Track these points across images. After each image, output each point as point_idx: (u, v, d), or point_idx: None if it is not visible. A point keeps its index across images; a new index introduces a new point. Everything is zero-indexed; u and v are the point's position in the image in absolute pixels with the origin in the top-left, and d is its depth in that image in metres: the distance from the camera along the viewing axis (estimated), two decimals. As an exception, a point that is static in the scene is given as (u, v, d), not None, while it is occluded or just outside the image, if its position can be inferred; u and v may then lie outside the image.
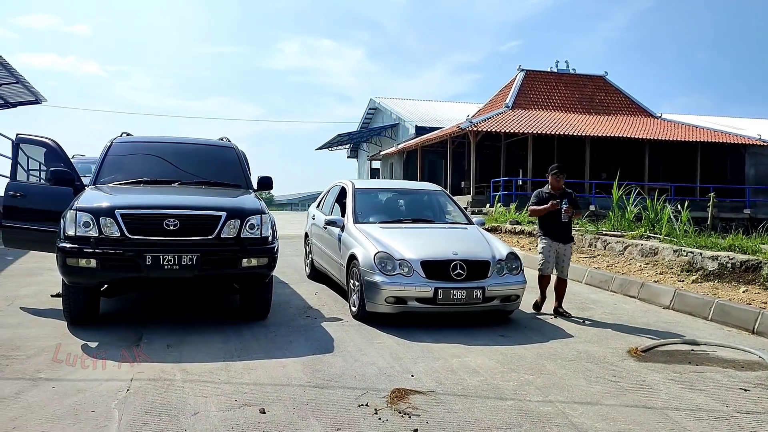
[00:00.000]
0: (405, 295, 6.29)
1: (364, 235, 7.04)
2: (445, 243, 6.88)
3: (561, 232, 7.26)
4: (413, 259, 6.41)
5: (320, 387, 4.44)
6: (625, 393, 4.54)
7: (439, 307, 6.33)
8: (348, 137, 40.26)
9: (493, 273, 6.54)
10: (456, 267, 6.37)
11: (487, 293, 6.39)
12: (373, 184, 9.82)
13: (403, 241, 6.76)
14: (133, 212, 5.56)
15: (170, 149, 7.23)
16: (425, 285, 6.27)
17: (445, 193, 8.98)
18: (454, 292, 6.27)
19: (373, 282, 6.36)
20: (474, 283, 6.37)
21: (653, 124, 27.61)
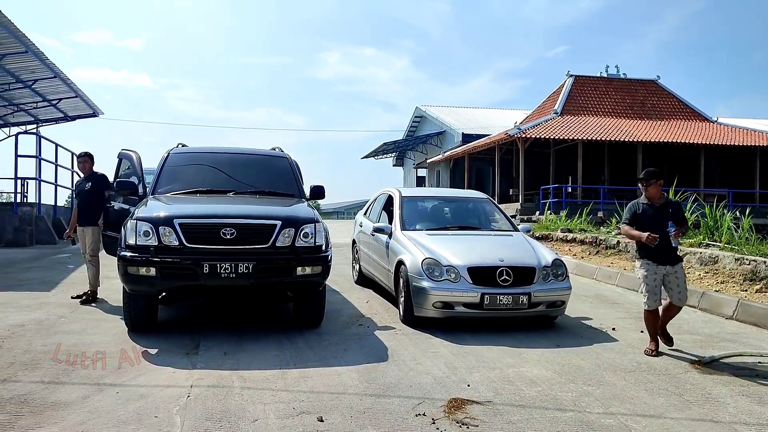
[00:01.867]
0: (452, 300, 6.41)
1: (412, 242, 7.19)
2: (491, 249, 6.97)
3: (666, 253, 5.77)
4: (460, 266, 6.54)
5: (376, 396, 4.43)
6: (690, 406, 4.39)
7: (486, 312, 6.43)
8: (394, 145, 40.35)
9: (538, 279, 6.62)
10: (502, 273, 6.49)
11: (533, 299, 6.47)
12: (419, 192, 9.96)
13: (450, 248, 6.88)
14: (190, 221, 5.68)
15: (225, 159, 7.38)
16: (472, 290, 6.38)
17: (490, 201, 9.06)
18: (500, 297, 6.38)
19: (421, 287, 6.50)
20: (520, 288, 6.46)
21: (708, 129, 26.81)
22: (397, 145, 40.92)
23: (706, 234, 11.35)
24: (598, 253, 12.05)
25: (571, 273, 10.88)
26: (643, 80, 29.54)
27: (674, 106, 28.76)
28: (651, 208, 5.84)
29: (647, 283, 5.82)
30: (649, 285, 5.81)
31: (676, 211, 5.87)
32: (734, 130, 27.04)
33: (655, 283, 5.80)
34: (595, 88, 28.75)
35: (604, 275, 10.20)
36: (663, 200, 5.94)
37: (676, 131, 25.79)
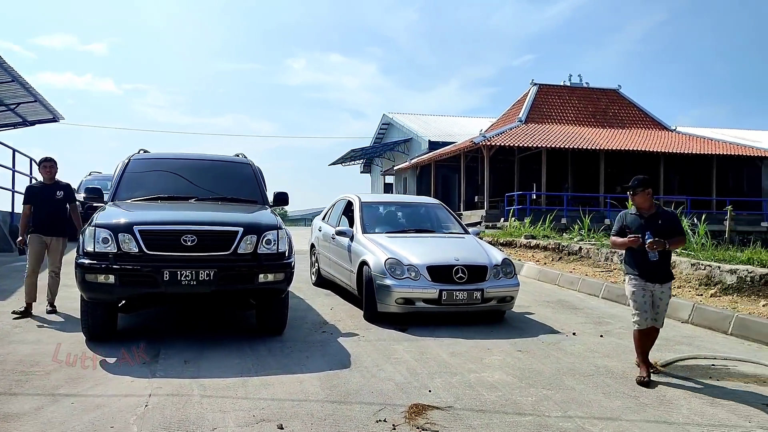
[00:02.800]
0: (413, 296, 6.94)
1: (374, 243, 7.67)
2: (447, 250, 7.54)
3: (650, 269, 5.30)
4: (420, 265, 7.08)
5: (338, 402, 4.43)
6: (646, 408, 4.49)
7: (443, 307, 6.98)
8: (361, 152, 40.41)
9: (490, 277, 7.23)
10: (458, 271, 7.07)
11: (486, 294, 7.07)
12: (377, 197, 10.36)
13: (410, 249, 7.42)
14: (151, 228, 5.61)
15: (187, 166, 7.30)
16: (431, 287, 6.92)
17: (442, 206, 9.59)
18: (456, 293, 6.95)
19: (384, 285, 6.99)
20: (474, 285, 7.05)
21: (668, 137, 27.47)
22: (365, 152, 40.98)
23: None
24: (560, 259, 12.22)
25: (534, 279, 11.06)
26: (605, 89, 30.15)
27: (635, 115, 29.40)
28: (639, 219, 5.39)
29: (635, 300, 5.35)
30: (638, 302, 5.33)
31: (667, 222, 5.36)
32: (692, 138, 27.76)
33: (644, 300, 5.31)
34: (559, 97, 29.24)
35: (566, 281, 10.35)
36: (653, 210, 5.42)
37: (637, 139, 26.36)
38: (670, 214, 5.54)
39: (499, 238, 15.38)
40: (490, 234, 17.12)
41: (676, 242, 5.39)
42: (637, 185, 5.43)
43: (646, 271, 5.30)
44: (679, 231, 5.45)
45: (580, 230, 14.84)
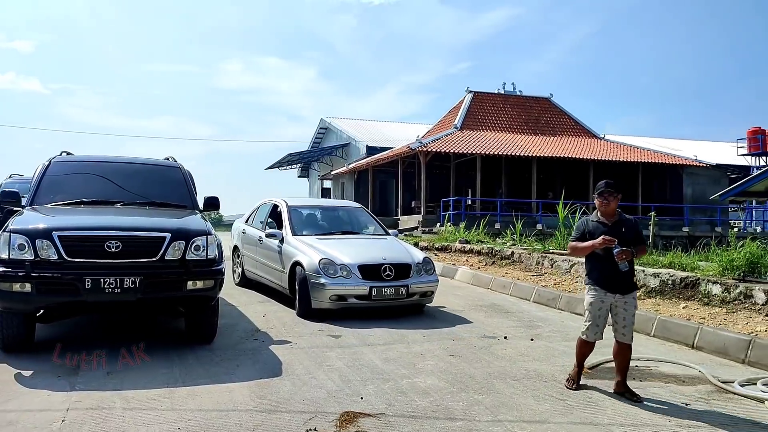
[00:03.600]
0: (346, 293, 7.53)
1: (305, 245, 8.16)
2: (375, 250, 8.20)
3: (617, 279, 4.95)
4: (351, 264, 7.66)
5: (267, 412, 4.34)
6: (573, 411, 4.59)
7: (373, 302, 7.63)
8: (299, 157, 40.14)
9: (413, 274, 7.94)
10: (386, 269, 7.73)
11: (410, 290, 7.80)
12: (303, 201, 10.81)
13: (340, 250, 7.96)
14: (71, 234, 5.37)
15: (113, 169, 7.04)
16: (362, 284, 7.56)
17: (364, 209, 10.42)
18: (384, 289, 7.62)
19: (320, 283, 7.49)
20: (399, 282, 7.75)
21: (597, 145, 28.41)
22: (302, 157, 40.73)
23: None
24: (494, 263, 12.43)
25: (468, 283, 11.20)
26: (537, 97, 30.94)
27: (566, 123, 30.28)
28: (602, 227, 5.03)
29: (591, 311, 5.09)
30: (592, 313, 5.08)
31: (630, 230, 5.05)
32: (620, 146, 28.81)
33: (599, 313, 5.04)
34: (493, 104, 29.83)
35: (498, 285, 10.52)
36: (616, 217, 5.09)
37: (568, 147, 27.15)
38: (632, 221, 5.20)
39: (434, 243, 15.52)
40: (426, 239, 17.27)
41: (640, 251, 5.13)
42: (612, 189, 5.10)
43: (610, 281, 4.96)
44: (643, 240, 5.20)
45: (513, 235, 15.14)
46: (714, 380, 5.37)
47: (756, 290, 7.29)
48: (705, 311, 7.42)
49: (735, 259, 8.15)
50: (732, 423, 4.42)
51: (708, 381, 5.40)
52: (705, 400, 4.91)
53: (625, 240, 4.91)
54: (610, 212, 5.08)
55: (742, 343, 6.19)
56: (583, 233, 5.14)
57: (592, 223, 5.13)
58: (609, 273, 4.95)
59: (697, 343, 6.60)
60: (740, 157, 35.26)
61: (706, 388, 5.25)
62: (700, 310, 7.50)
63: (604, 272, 4.98)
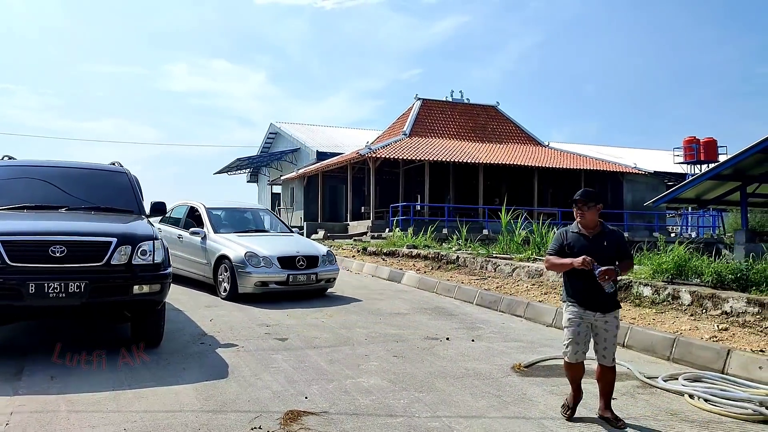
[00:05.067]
0: (268, 279, 9.24)
1: (229, 240, 9.80)
2: (289, 245, 10.05)
3: (599, 298, 4.50)
4: (272, 256, 9.37)
5: (213, 412, 4.44)
6: (507, 406, 4.84)
7: (290, 286, 9.40)
8: (248, 161, 39.87)
9: (320, 264, 9.79)
10: (300, 260, 9.54)
11: (319, 277, 9.70)
12: (218, 204, 11.94)
13: (260, 244, 9.67)
14: (14, 239, 5.36)
15: (57, 173, 6.99)
16: (281, 272, 9.31)
17: (269, 211, 12.51)
18: (299, 276, 9.45)
19: (246, 272, 9.12)
20: (310, 270, 9.59)
21: (541, 153, 29.20)
22: (252, 162, 40.46)
23: (534, 249, 12.38)
24: (440, 268, 12.71)
25: (414, 287, 11.44)
26: (484, 105, 31.62)
27: (512, 131, 31.03)
28: (582, 239, 4.60)
29: (570, 329, 4.61)
30: (572, 331, 4.60)
31: (613, 243, 4.59)
32: (563, 154, 29.68)
33: (579, 330, 4.56)
34: (441, 112, 30.34)
35: (443, 288, 10.79)
36: (598, 229, 4.63)
37: (514, 154, 27.83)
38: (617, 234, 4.69)
39: (383, 248, 15.74)
40: (374, 244, 17.47)
41: (625, 267, 4.63)
42: (587, 199, 4.61)
43: (590, 300, 4.51)
44: (628, 254, 4.66)
45: (459, 240, 15.48)
46: (640, 376, 5.72)
47: (683, 292, 7.74)
48: (636, 312, 7.83)
49: (664, 263, 8.61)
50: (653, 415, 4.74)
51: (635, 377, 5.74)
52: (631, 395, 5.24)
53: (606, 256, 4.48)
54: (589, 224, 4.61)
55: (668, 341, 6.58)
56: (562, 246, 4.66)
57: (571, 235, 4.67)
58: (589, 291, 4.50)
59: (627, 342, 6.97)
60: (677, 165, 36.72)
61: (632, 383, 5.59)
62: (631, 311, 7.91)
63: (584, 289, 4.53)
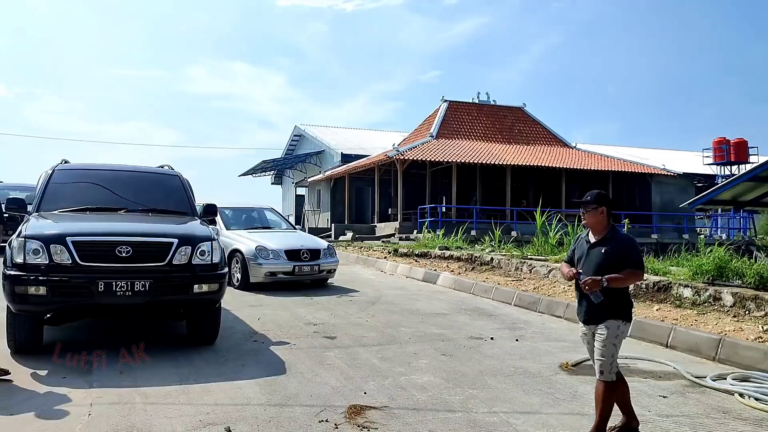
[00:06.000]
0: (276, 270, 10.48)
1: (240, 236, 11.12)
2: (294, 239, 11.37)
3: (585, 309, 4.30)
4: (280, 249, 10.63)
5: (279, 405, 4.63)
6: (560, 403, 4.97)
7: (296, 276, 10.69)
8: (272, 164, 40.25)
9: (322, 256, 11.02)
10: (305, 253, 10.82)
11: (321, 268, 10.94)
12: (227, 204, 12.84)
13: (269, 239, 10.93)
14: (85, 239, 5.60)
15: (115, 177, 7.26)
16: (288, 264, 10.57)
17: (275, 210, 13.74)
18: (304, 267, 10.72)
19: (257, 264, 10.37)
20: (313, 262, 10.85)
21: (569, 154, 29.15)
22: (276, 164, 40.84)
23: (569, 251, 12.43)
24: (473, 269, 12.83)
25: (450, 288, 11.57)
26: (511, 107, 31.64)
27: (539, 132, 31.01)
28: (584, 245, 4.37)
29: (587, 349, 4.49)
30: (587, 351, 4.49)
31: (615, 251, 4.18)
32: (590, 155, 29.60)
33: (588, 347, 4.45)
34: (468, 114, 30.42)
35: (480, 290, 10.91)
36: (602, 235, 4.29)
37: (541, 155, 27.82)
38: (623, 240, 4.28)
39: (414, 249, 15.89)
40: (405, 245, 17.63)
41: (620, 279, 4.11)
42: (589, 201, 4.36)
43: (582, 311, 4.34)
44: (632, 263, 4.17)
45: (491, 242, 15.58)
46: (688, 375, 5.80)
47: (724, 293, 7.79)
48: (677, 313, 7.90)
49: (704, 264, 8.66)
50: (705, 413, 4.83)
51: (682, 376, 5.83)
52: (681, 393, 5.33)
53: (604, 264, 4.15)
54: (593, 227, 4.34)
55: (713, 341, 6.65)
56: (573, 251, 4.50)
57: (580, 240, 4.48)
58: (580, 301, 4.36)
59: (671, 342, 7.05)
60: (706, 166, 36.42)
61: (681, 382, 5.67)
62: (672, 312, 7.98)
63: (579, 300, 4.40)
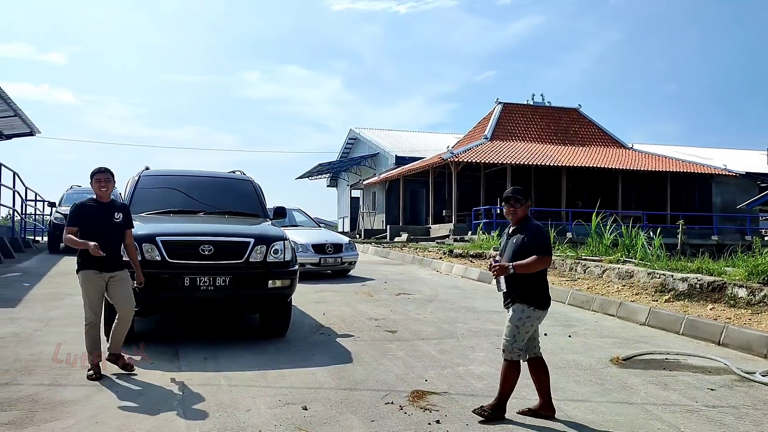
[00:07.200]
0: (305, 261, 11.82)
1: None
2: (320, 236, 13.26)
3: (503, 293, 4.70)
4: (307, 243, 12.49)
5: (349, 389, 5.11)
6: (610, 392, 5.28)
7: (321, 267, 12.52)
8: (328, 166, 41.12)
9: (344, 250, 12.91)
10: (329, 247, 12.72)
11: (343, 260, 12.84)
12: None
13: (297, 234, 12.46)
14: (172, 239, 6.22)
15: (193, 182, 7.92)
16: (315, 256, 12.47)
17: (302, 211, 15.50)
18: (328, 259, 12.61)
19: None
20: (337, 255, 12.76)
21: (625, 155, 28.87)
22: (332, 167, 41.70)
23: (623, 252, 12.58)
24: (528, 269, 13.07)
25: (505, 287, 11.86)
26: (566, 108, 31.54)
27: (594, 133, 30.81)
28: (505, 236, 4.82)
29: None
30: None
31: (518, 242, 4.56)
32: (648, 156, 29.23)
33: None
34: (522, 115, 30.50)
35: (534, 289, 11.16)
36: (518, 224, 4.67)
37: (597, 157, 27.67)
38: (531, 228, 4.58)
39: (469, 250, 16.21)
40: (460, 246, 17.96)
41: (525, 265, 4.43)
42: (512, 196, 4.69)
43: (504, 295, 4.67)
44: (536, 249, 4.44)
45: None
46: (737, 371, 6.00)
47: (778, 293, 7.89)
48: (731, 312, 8.03)
49: (760, 265, 8.74)
50: (752, 405, 5.06)
51: (732, 372, 6.02)
52: (729, 387, 5.55)
53: (516, 252, 4.52)
54: (513, 219, 4.70)
55: (765, 339, 6.79)
56: (501, 243, 4.89)
57: (504, 232, 4.87)
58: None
59: (723, 340, 7.22)
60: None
61: (730, 377, 5.88)
62: (726, 311, 8.12)
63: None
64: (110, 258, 5.37)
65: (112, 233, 5.47)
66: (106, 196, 5.50)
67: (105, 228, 5.42)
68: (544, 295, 4.63)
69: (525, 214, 4.69)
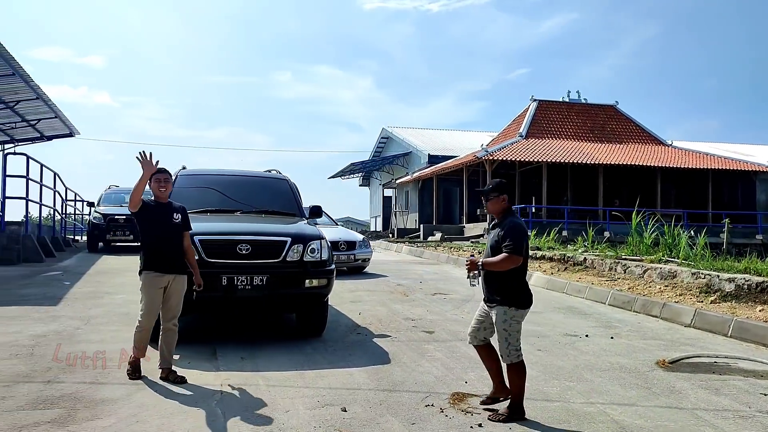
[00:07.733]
0: None
1: None
2: (335, 232, 13.52)
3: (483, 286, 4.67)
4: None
5: (388, 391, 5.03)
6: (658, 397, 5.10)
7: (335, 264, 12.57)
8: (361, 166, 41.17)
9: (358, 247, 13.36)
10: (342, 244, 13.07)
11: (356, 257, 13.29)
12: None
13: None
14: (210, 238, 6.22)
15: (230, 181, 7.93)
16: None
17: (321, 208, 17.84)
18: (341, 256, 12.75)
19: None
20: (350, 251, 13.21)
21: (664, 152, 28.25)
22: (365, 166, 41.74)
23: (665, 251, 12.26)
24: (566, 269, 12.85)
25: (543, 288, 11.68)
26: (602, 105, 31.01)
27: (632, 130, 30.22)
28: (487, 232, 4.82)
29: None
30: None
31: (498, 235, 4.50)
32: (688, 153, 28.54)
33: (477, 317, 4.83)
34: (558, 113, 30.07)
35: (573, 289, 10.97)
36: (498, 219, 4.63)
37: (634, 154, 27.12)
38: (506, 224, 4.50)
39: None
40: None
41: (493, 263, 4.43)
42: (491, 189, 4.65)
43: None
44: (508, 246, 4.37)
45: (584, 242, 15.49)
46: (790, 375, 5.76)
47: (832, 294, 7.57)
48: (781, 314, 7.74)
49: (811, 265, 8.41)
50: (808, 410, 4.84)
51: (784, 375, 5.79)
52: (780, 391, 5.32)
53: (491, 247, 4.56)
54: (494, 214, 4.67)
55: (819, 342, 6.52)
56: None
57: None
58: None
59: (774, 342, 6.95)
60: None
61: (781, 381, 5.65)
62: (776, 312, 7.82)
63: None
64: (171, 259, 5.35)
65: (172, 234, 5.40)
66: (164, 197, 5.44)
67: (164, 229, 5.36)
68: (523, 294, 4.61)
69: (502, 208, 4.61)
